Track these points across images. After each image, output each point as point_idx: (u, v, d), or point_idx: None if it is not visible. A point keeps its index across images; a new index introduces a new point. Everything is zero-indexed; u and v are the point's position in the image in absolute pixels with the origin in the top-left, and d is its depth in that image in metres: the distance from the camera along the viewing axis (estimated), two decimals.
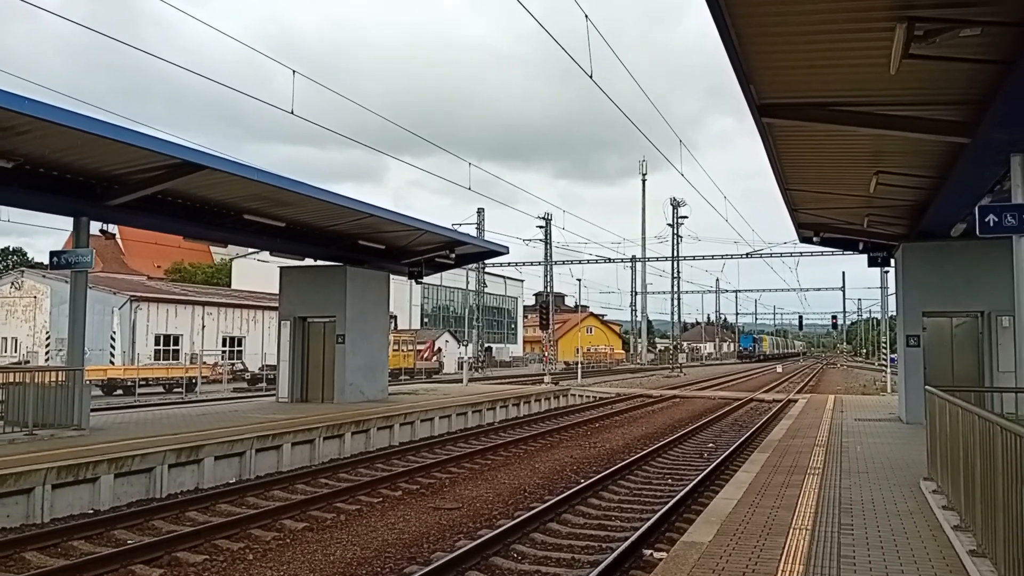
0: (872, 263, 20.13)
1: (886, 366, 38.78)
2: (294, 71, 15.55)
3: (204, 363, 39.14)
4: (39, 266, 60.17)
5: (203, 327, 51.10)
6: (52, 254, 15.24)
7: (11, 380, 13.99)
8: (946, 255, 16.08)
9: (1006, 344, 15.24)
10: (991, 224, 8.88)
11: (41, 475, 10.18)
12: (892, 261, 19.13)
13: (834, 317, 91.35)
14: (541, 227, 63.00)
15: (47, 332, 47.61)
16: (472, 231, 54.96)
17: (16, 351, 50.90)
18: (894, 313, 23.12)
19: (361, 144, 36.99)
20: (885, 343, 46.55)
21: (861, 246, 19.59)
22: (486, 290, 70.58)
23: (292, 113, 16.03)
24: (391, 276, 23.48)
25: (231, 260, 77.99)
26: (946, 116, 9.26)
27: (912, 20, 6.73)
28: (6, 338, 52.82)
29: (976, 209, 9.09)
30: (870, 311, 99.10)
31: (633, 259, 76.86)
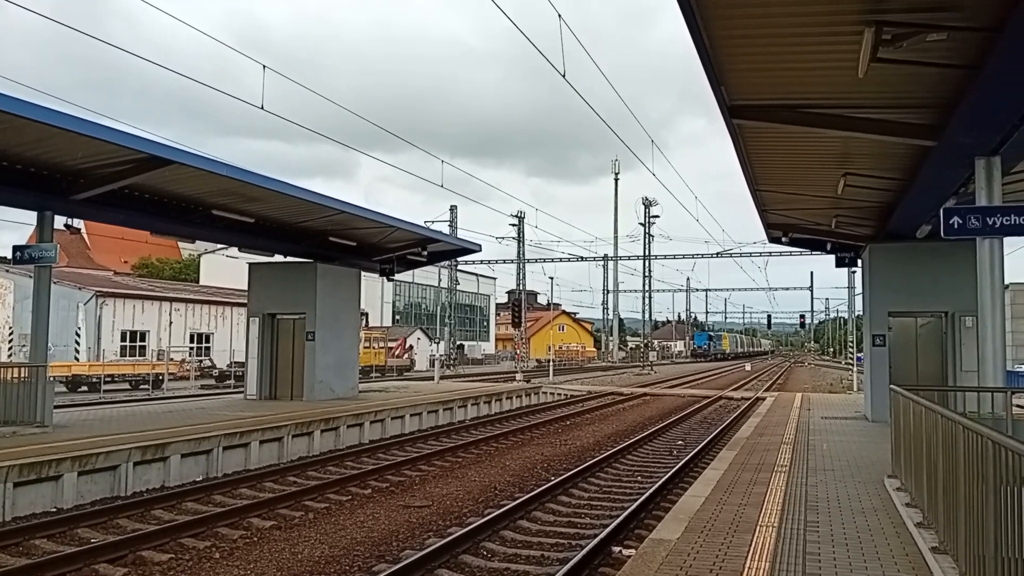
0: (840, 263, 20.39)
1: (852, 365, 39.32)
2: (264, 66, 15.40)
3: (171, 360, 38.66)
4: (2, 260, 59.07)
5: (170, 323, 50.47)
6: (15, 248, 14.96)
7: None
8: (912, 256, 16.33)
9: (969, 344, 15.51)
10: (955, 226, 9.04)
11: (2, 473, 9.99)
12: (859, 262, 19.39)
13: (802, 316, 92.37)
14: (514, 225, 63.03)
15: (10, 327, 46.73)
16: (445, 228, 54.85)
17: None
18: (861, 313, 23.45)
19: (332, 140, 36.65)
20: (852, 342, 47.20)
21: (829, 246, 19.83)
22: (458, 288, 70.45)
23: (262, 108, 15.87)
24: (362, 273, 23.36)
25: (199, 256, 77.10)
26: (913, 119, 9.40)
27: (880, 24, 6.82)
28: None
29: (941, 211, 9.24)
30: (837, 311, 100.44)
31: (605, 258, 77.15)
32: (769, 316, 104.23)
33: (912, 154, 10.72)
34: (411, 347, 61.99)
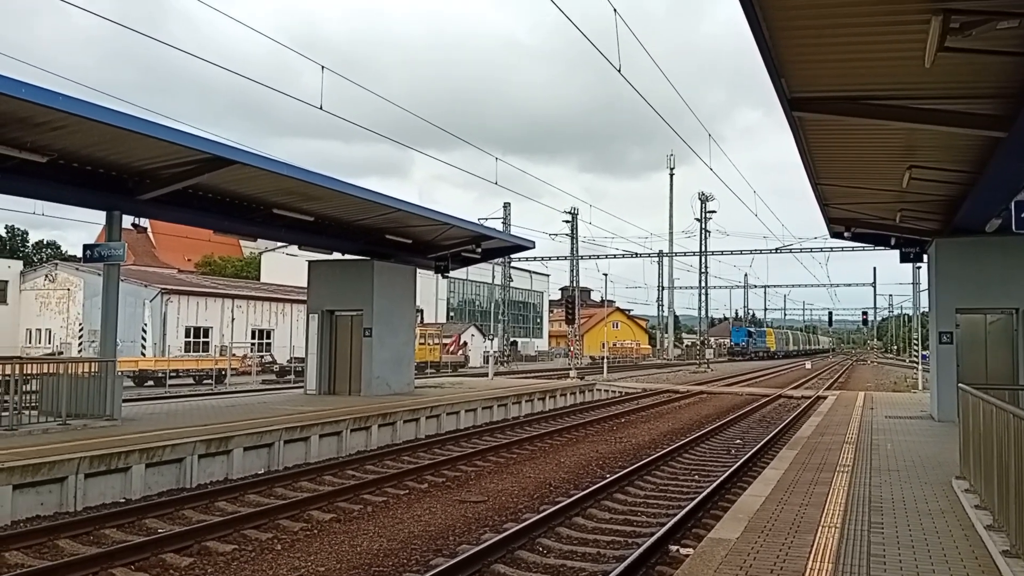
0: (904, 259, 19.84)
1: (918, 363, 38.27)
2: (323, 67, 15.63)
3: (233, 355, 39.57)
4: (72, 259, 61.18)
5: (232, 320, 51.67)
6: (85, 247, 15.46)
7: (45, 371, 14.24)
8: (980, 251, 15.83)
9: None
10: None
11: (74, 464, 10.35)
12: (925, 257, 18.86)
13: (864, 313, 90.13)
14: (567, 221, 62.95)
15: (80, 324, 48.42)
16: (498, 225, 55.04)
17: (50, 342, 51.83)
18: (926, 309, 22.83)
19: (387, 138, 37.04)
20: (917, 340, 45.93)
21: (893, 241, 19.33)
22: (512, 284, 70.62)
23: (321, 108, 16.11)
24: (417, 270, 23.58)
25: (260, 254, 78.72)
26: (981, 110, 9.10)
27: (948, 12, 6.60)
28: (40, 329, 53.81)
29: (1012, 204, 8.97)
30: (901, 307, 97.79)
31: (660, 254, 76.52)
32: (830, 313, 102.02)
33: (981, 146, 10.37)
34: (465, 343, 62.34)
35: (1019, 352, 15.68)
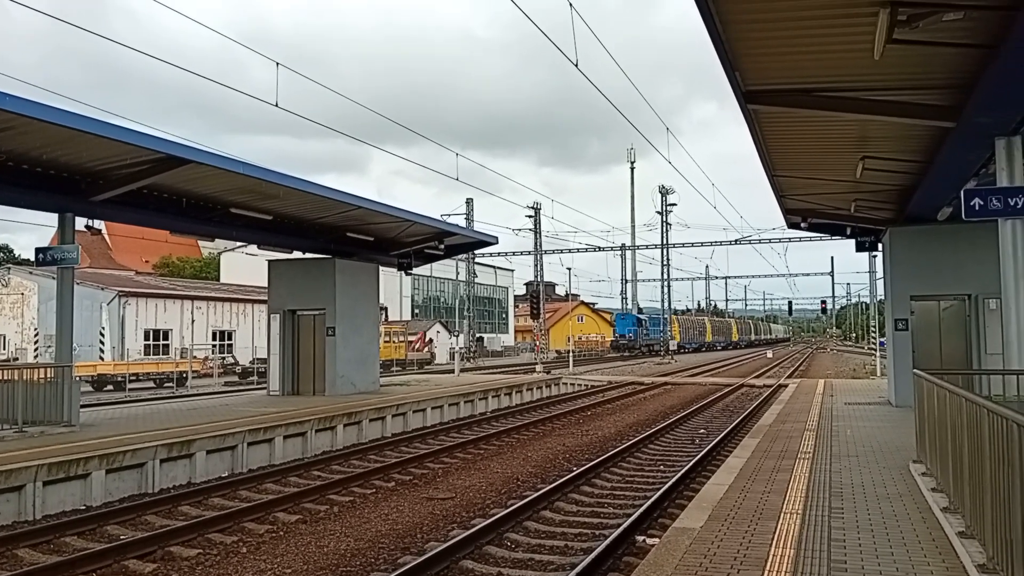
0: (860, 248, 20.22)
1: (875, 350, 39.03)
2: (277, 63, 15.44)
3: (194, 357, 39.01)
4: (25, 262, 59.78)
5: (192, 321, 50.92)
6: (38, 251, 15.14)
7: (0, 377, 13.93)
8: (933, 239, 16.17)
9: (993, 327, 15.35)
10: (976, 207, 8.95)
11: (32, 472, 10.14)
12: (880, 246, 19.22)
13: (823, 302, 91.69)
14: (530, 216, 62.98)
15: (35, 329, 47.36)
16: (461, 221, 54.95)
17: (4, 348, 50.62)
18: (883, 297, 23.27)
19: (343, 134, 36.76)
20: (874, 327, 46.82)
21: (849, 231, 19.67)
22: (476, 280, 70.52)
23: (277, 106, 15.91)
24: (380, 268, 23.45)
25: (219, 254, 77.69)
26: (930, 101, 9.30)
27: (895, 4, 6.74)
28: None
29: (962, 193, 9.16)
30: (859, 295, 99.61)
31: (623, 247, 76.88)
32: (790, 302, 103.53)
33: (931, 136, 10.61)
34: (431, 340, 62.22)
35: (972, 337, 16.06)
